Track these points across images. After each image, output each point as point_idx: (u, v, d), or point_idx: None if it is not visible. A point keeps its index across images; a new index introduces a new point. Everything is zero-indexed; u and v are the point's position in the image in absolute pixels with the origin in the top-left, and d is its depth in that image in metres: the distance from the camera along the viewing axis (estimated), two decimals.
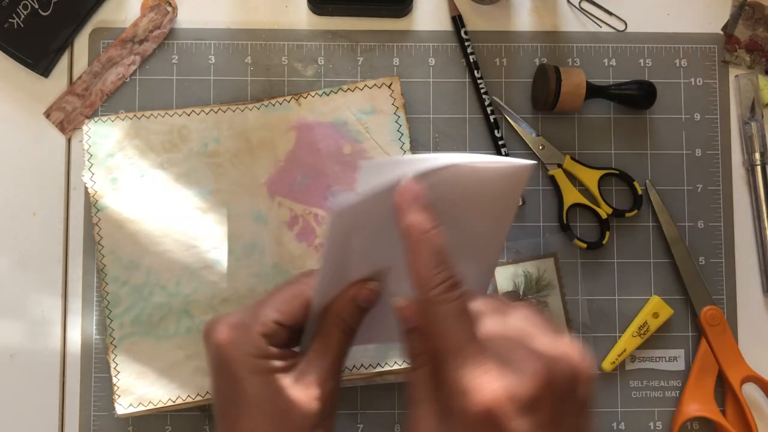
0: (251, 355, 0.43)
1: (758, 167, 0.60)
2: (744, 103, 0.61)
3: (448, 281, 0.38)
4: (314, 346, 0.45)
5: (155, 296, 0.57)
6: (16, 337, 0.58)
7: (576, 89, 0.58)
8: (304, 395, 0.43)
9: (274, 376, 0.43)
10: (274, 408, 0.43)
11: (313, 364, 0.44)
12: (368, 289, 0.46)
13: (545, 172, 0.60)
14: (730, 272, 0.60)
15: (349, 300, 0.46)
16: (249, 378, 0.43)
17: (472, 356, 0.36)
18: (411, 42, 0.61)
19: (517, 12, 0.62)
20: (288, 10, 0.62)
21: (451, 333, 0.37)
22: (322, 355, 0.45)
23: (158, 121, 0.59)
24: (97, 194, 0.57)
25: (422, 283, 0.38)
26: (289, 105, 0.59)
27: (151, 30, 0.60)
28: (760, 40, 0.63)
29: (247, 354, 0.43)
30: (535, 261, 0.59)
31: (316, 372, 0.44)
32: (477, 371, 0.36)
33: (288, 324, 0.45)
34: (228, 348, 0.43)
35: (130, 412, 0.56)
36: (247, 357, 0.43)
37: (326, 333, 0.45)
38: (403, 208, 0.39)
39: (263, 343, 0.43)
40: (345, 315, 0.46)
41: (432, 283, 0.38)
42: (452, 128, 0.60)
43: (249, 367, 0.43)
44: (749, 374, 0.58)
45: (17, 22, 0.59)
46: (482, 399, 0.35)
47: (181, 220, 0.57)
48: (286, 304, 0.45)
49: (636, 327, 0.59)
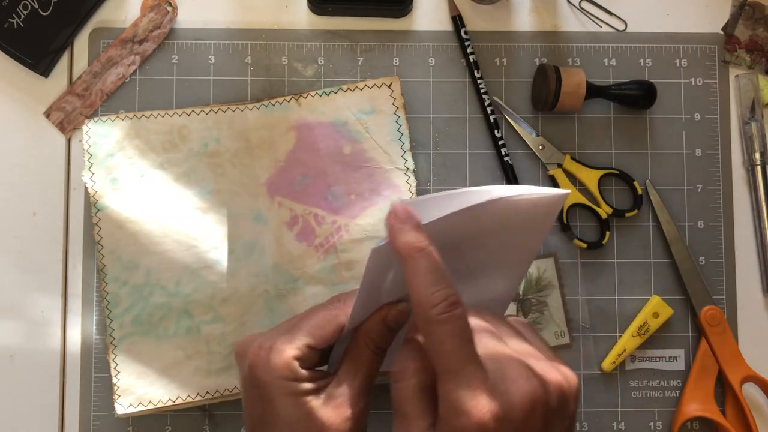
0: (284, 378, 0.43)
1: (758, 167, 0.60)
2: (744, 103, 0.61)
3: (448, 300, 0.38)
4: (344, 367, 0.46)
5: (155, 296, 0.57)
6: (16, 337, 0.58)
7: (576, 89, 0.58)
8: (334, 416, 0.43)
9: (306, 398, 0.43)
10: (306, 430, 0.43)
11: (343, 385, 0.45)
12: (397, 310, 0.46)
13: (545, 172, 0.60)
14: (730, 272, 0.60)
15: (379, 321, 0.46)
16: (281, 400, 0.43)
17: (469, 377, 0.37)
18: (411, 42, 0.61)
19: (517, 12, 0.62)
20: (288, 10, 0.62)
21: (451, 353, 0.37)
22: (352, 376, 0.45)
23: (158, 121, 0.59)
24: (97, 194, 0.57)
25: (421, 302, 0.38)
26: (289, 105, 0.59)
27: (151, 30, 0.60)
28: (760, 40, 0.63)
29: (280, 377, 0.43)
30: (535, 261, 0.59)
31: (347, 393, 0.44)
32: (474, 393, 0.36)
33: (320, 348, 0.45)
34: (261, 370, 0.44)
35: (130, 412, 0.56)
36: (279, 380, 0.43)
37: (356, 354, 0.46)
38: (396, 228, 0.39)
39: (296, 366, 0.44)
40: (374, 335, 0.46)
41: (431, 302, 0.37)
42: (452, 128, 0.60)
43: (281, 389, 0.43)
44: (749, 374, 0.58)
45: (17, 22, 0.59)
46: (478, 420, 0.36)
47: (181, 220, 0.57)
48: (320, 329, 0.46)
49: (636, 327, 0.59)
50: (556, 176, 0.60)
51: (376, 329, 0.46)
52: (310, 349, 0.45)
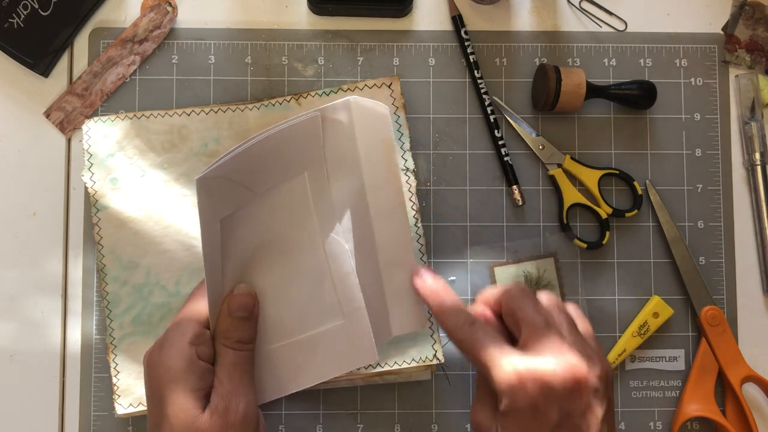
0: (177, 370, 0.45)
1: (758, 167, 0.60)
2: (744, 103, 0.61)
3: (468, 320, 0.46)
4: (217, 373, 0.46)
5: (155, 296, 0.57)
6: (16, 337, 0.58)
7: (576, 89, 0.58)
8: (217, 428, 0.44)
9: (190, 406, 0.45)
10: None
11: (218, 393, 0.45)
12: (237, 296, 0.47)
13: (545, 172, 0.60)
14: (730, 272, 0.60)
15: (225, 315, 0.46)
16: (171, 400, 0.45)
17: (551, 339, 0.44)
18: (411, 42, 0.61)
19: (517, 12, 0.62)
20: (288, 10, 0.62)
21: (486, 350, 0.44)
22: (226, 380, 0.46)
23: (158, 121, 0.59)
24: (97, 194, 0.57)
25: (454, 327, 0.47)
26: (289, 105, 0.59)
27: (151, 30, 0.60)
28: (760, 40, 0.63)
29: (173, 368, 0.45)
30: (535, 261, 0.59)
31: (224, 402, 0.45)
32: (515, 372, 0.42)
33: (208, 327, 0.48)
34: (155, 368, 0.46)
35: (130, 412, 0.56)
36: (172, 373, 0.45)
37: (221, 359, 0.46)
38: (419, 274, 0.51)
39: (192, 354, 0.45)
40: (227, 332, 0.46)
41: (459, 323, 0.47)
42: (452, 128, 0.60)
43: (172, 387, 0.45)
44: (749, 374, 0.58)
45: (17, 22, 0.59)
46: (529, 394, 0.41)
47: (181, 220, 0.57)
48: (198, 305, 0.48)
49: (636, 327, 0.59)
50: (556, 176, 0.60)
51: (224, 326, 0.46)
52: (201, 328, 0.46)
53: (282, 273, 0.51)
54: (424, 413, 0.58)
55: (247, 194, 0.50)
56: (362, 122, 0.52)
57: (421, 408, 0.58)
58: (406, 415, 0.58)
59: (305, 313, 0.51)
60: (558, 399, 0.41)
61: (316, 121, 0.51)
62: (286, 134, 0.50)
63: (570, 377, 0.42)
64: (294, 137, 0.51)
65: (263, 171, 0.51)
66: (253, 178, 0.50)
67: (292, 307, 0.51)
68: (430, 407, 0.58)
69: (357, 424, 0.58)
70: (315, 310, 0.51)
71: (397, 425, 0.58)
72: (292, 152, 0.51)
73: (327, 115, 0.52)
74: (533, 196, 0.60)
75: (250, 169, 0.49)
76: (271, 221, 0.51)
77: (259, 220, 0.51)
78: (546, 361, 0.42)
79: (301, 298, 0.51)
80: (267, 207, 0.51)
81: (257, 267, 0.51)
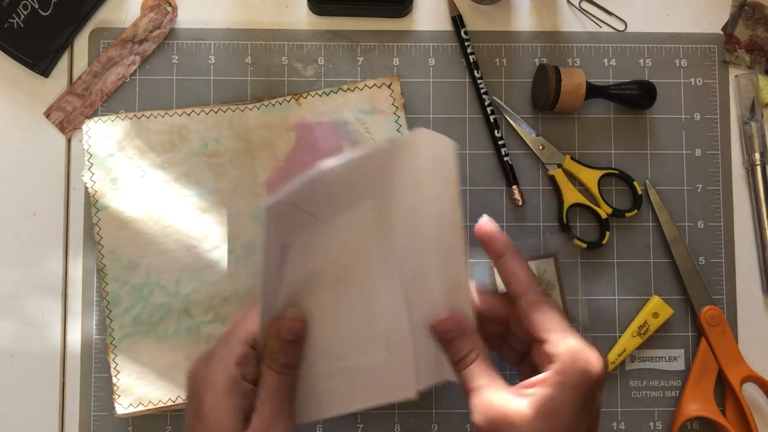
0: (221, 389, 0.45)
1: (758, 167, 0.60)
2: (744, 103, 0.61)
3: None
4: (259, 396, 0.46)
5: (155, 296, 0.57)
6: (16, 337, 0.58)
7: (576, 89, 0.58)
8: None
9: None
10: None
11: (258, 416, 0.45)
12: (288, 320, 0.47)
13: (545, 172, 0.60)
14: (730, 272, 0.60)
15: (273, 338, 0.46)
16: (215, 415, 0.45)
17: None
18: (411, 42, 0.61)
19: (517, 12, 0.62)
20: (288, 10, 0.62)
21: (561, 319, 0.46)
22: (267, 402, 0.46)
23: (158, 121, 0.59)
24: (97, 194, 0.57)
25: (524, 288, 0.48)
26: (289, 105, 0.59)
27: (151, 30, 0.60)
28: (760, 40, 0.63)
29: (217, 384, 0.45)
30: (535, 261, 0.59)
31: (263, 423, 0.45)
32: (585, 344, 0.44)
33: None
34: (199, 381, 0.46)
35: (130, 412, 0.56)
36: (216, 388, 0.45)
37: (265, 380, 0.46)
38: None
39: (237, 374, 0.45)
40: (274, 354, 0.46)
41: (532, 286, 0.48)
42: (452, 128, 0.60)
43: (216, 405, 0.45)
44: (749, 374, 0.58)
45: (17, 22, 0.59)
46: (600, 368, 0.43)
47: (181, 220, 0.57)
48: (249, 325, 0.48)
49: (636, 327, 0.59)
50: (556, 176, 0.60)
51: (271, 348, 0.46)
52: (249, 348, 0.46)
53: (333, 301, 0.50)
54: (424, 413, 0.58)
55: (311, 221, 0.49)
56: (428, 155, 0.50)
57: (421, 408, 0.58)
58: (406, 415, 0.58)
59: (352, 342, 0.50)
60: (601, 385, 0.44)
61: (386, 152, 0.49)
62: (357, 163, 0.48)
63: (603, 369, 0.44)
64: (364, 166, 0.49)
65: (330, 198, 0.49)
66: (319, 206, 0.49)
67: (339, 336, 0.50)
68: (430, 407, 0.58)
69: (357, 424, 0.58)
70: (361, 340, 0.50)
71: (397, 425, 0.58)
72: (360, 181, 0.49)
73: (397, 146, 0.49)
74: (533, 196, 0.60)
75: (317, 196, 0.48)
76: (330, 248, 0.50)
77: (318, 245, 0.50)
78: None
79: (350, 327, 0.50)
80: (327, 234, 0.50)
81: (309, 292, 0.50)
